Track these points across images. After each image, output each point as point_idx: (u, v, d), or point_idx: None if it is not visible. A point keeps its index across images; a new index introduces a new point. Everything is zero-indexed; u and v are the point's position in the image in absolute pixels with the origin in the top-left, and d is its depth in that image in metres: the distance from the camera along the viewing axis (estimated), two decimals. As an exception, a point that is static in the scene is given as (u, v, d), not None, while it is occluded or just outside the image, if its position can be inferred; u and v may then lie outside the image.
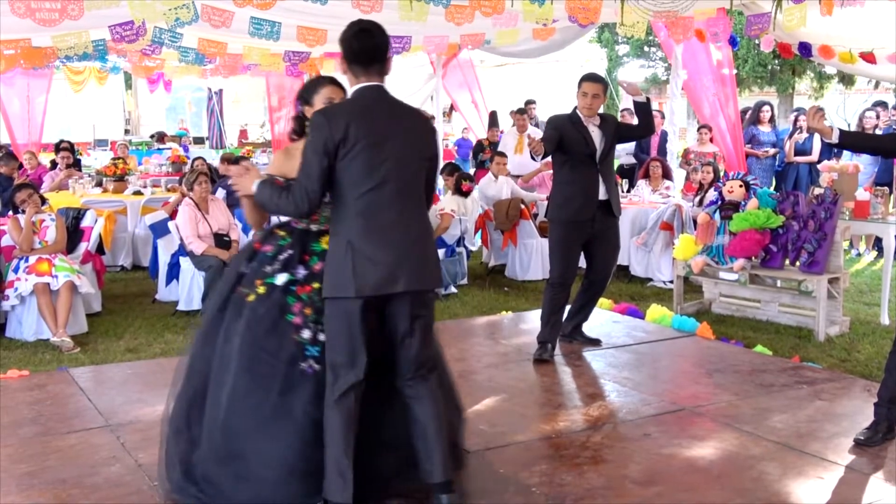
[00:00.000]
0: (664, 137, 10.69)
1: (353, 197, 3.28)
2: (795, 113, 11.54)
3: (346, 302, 3.30)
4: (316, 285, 3.49)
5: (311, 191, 3.27)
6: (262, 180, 3.48)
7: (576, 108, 5.71)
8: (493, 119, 14.09)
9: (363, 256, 3.26)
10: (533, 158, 5.80)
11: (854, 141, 5.01)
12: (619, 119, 7.48)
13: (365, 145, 3.26)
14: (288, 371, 3.47)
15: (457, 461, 3.74)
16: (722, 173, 8.83)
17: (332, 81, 3.71)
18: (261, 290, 3.55)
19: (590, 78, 5.77)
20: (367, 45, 3.34)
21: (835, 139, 4.36)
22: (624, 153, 11.18)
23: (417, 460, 3.46)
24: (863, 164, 8.81)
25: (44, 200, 7.32)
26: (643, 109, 5.87)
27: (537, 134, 9.30)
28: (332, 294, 3.33)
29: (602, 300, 6.89)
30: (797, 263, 6.73)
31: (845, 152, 9.45)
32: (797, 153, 10.81)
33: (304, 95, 3.71)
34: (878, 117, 10.39)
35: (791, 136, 10.73)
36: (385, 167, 3.29)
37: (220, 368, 3.53)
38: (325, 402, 3.36)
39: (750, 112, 11.44)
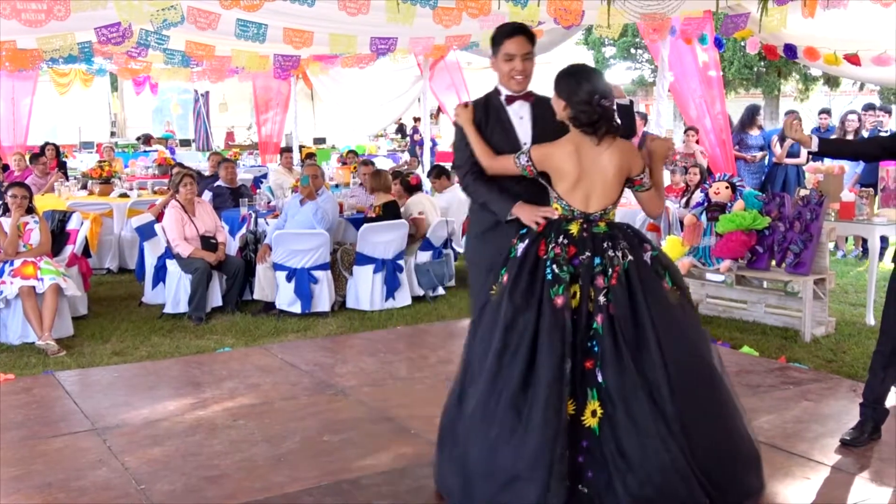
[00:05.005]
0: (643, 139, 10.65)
1: None
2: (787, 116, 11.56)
3: None
4: None
5: None
6: None
7: None
8: None
9: None
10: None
11: (834, 148, 4.99)
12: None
13: None
14: None
15: None
16: (707, 172, 8.84)
17: None
18: None
19: None
20: None
21: (814, 147, 4.38)
22: None
23: None
24: (845, 165, 8.85)
25: (30, 208, 7.23)
26: (626, 112, 5.86)
27: None
28: None
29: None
30: (783, 264, 6.75)
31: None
32: (787, 155, 10.84)
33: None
34: (859, 120, 10.44)
35: (782, 138, 10.75)
36: None
37: None
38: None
39: (744, 117, 11.46)
